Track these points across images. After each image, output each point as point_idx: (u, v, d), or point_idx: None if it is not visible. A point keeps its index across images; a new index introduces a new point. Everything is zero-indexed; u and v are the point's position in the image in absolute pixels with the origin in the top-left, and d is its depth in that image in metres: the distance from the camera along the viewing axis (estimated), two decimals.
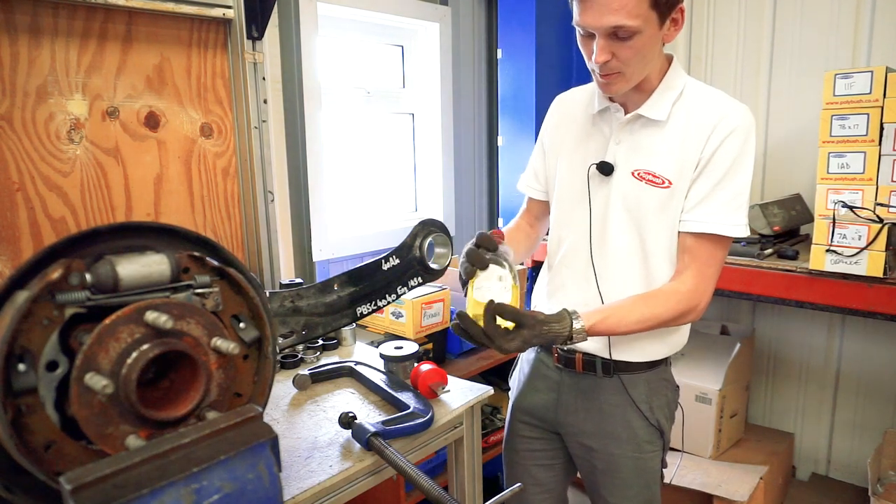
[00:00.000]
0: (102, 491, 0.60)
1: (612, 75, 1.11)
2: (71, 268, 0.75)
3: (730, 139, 1.12)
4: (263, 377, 0.92)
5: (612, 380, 1.27)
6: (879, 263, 1.67)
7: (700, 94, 1.18)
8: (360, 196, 2.64)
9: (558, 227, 1.33)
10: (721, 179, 1.13)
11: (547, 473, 1.41)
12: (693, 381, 2.29)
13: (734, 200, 1.14)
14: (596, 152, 1.24)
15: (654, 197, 1.17)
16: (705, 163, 1.14)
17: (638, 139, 1.20)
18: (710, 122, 1.14)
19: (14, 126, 1.27)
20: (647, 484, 1.31)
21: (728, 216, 1.14)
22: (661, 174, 1.16)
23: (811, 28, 2.32)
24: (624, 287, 1.22)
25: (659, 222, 1.18)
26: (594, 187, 1.24)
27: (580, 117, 1.30)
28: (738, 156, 1.13)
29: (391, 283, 1.20)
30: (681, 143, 1.16)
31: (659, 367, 1.29)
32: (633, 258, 1.21)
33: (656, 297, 1.16)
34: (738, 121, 1.13)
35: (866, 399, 2.41)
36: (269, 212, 1.67)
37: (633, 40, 1.05)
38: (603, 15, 1.02)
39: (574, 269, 1.28)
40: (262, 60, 1.60)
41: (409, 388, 1.31)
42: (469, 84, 2.91)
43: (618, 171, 1.20)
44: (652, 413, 1.27)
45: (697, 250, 1.16)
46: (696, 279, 1.16)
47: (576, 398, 1.31)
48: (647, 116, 1.17)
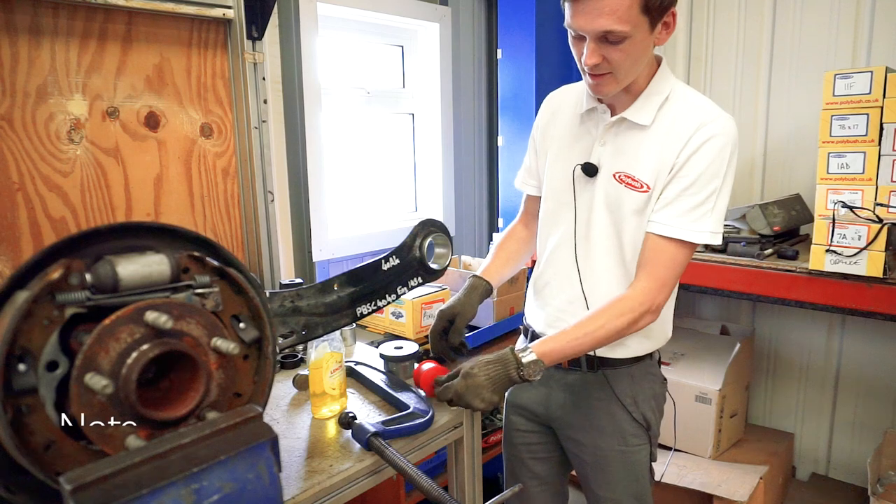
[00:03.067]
0: (102, 491, 0.60)
1: (602, 76, 1.12)
2: (71, 268, 0.75)
3: (706, 146, 1.12)
4: (263, 377, 0.92)
5: (597, 375, 1.28)
6: (879, 263, 1.67)
7: (686, 100, 1.18)
8: (360, 196, 2.64)
9: (545, 225, 1.34)
10: (691, 185, 1.13)
11: (543, 466, 1.43)
12: (693, 381, 2.29)
13: (702, 207, 1.13)
14: (582, 153, 1.25)
15: (633, 200, 1.18)
16: (679, 168, 1.14)
17: (621, 142, 1.20)
18: (690, 129, 1.13)
19: (14, 126, 1.27)
20: (636, 477, 1.32)
21: (693, 222, 1.13)
22: (640, 178, 1.17)
23: (811, 28, 2.32)
24: (606, 286, 1.23)
25: (636, 225, 1.19)
26: (579, 188, 1.25)
27: (569, 116, 1.31)
28: (712, 163, 1.12)
29: (391, 284, 1.20)
30: (660, 148, 1.16)
31: (644, 361, 1.30)
32: (614, 259, 1.23)
33: (604, 311, 1.15)
34: (718, 130, 1.13)
35: (866, 399, 2.41)
36: (269, 212, 1.67)
37: (624, 44, 1.06)
38: (594, 19, 1.03)
39: (559, 268, 1.30)
40: (262, 60, 1.60)
41: (409, 388, 1.31)
42: (469, 84, 2.91)
43: (601, 172, 1.21)
44: (636, 407, 1.29)
45: (656, 252, 1.16)
46: (649, 282, 1.15)
47: (564, 393, 1.33)
48: (632, 120, 1.18)
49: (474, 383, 1.09)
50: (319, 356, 1.20)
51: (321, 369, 1.20)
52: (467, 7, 2.84)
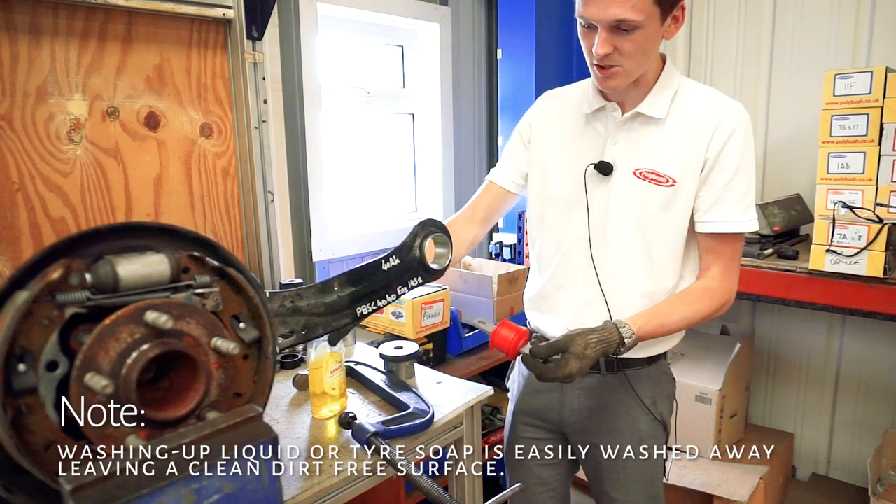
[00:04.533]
0: (102, 491, 0.60)
1: (611, 69, 1.11)
2: (71, 268, 0.75)
3: (733, 139, 1.15)
4: (263, 377, 0.92)
5: (617, 377, 1.27)
6: (879, 263, 1.67)
7: (695, 93, 1.20)
8: (360, 196, 2.64)
9: (548, 229, 1.31)
10: (731, 179, 1.16)
11: (551, 472, 1.41)
12: (693, 381, 2.29)
13: (745, 198, 1.18)
14: (592, 152, 1.24)
15: (658, 195, 1.18)
16: (712, 164, 1.16)
17: (637, 138, 1.20)
18: (712, 123, 1.15)
19: (14, 126, 1.27)
20: (651, 478, 1.31)
21: (742, 213, 1.17)
22: (664, 173, 1.17)
23: (811, 28, 2.32)
24: (628, 286, 1.22)
25: (663, 220, 1.19)
26: (591, 188, 1.23)
27: (570, 117, 1.29)
28: (742, 154, 1.16)
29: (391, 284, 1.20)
30: (683, 143, 1.17)
31: (659, 361, 1.30)
32: (637, 257, 1.22)
33: (692, 296, 1.20)
34: (738, 120, 1.16)
35: (866, 399, 2.41)
36: (269, 212, 1.67)
37: (636, 34, 1.06)
38: (607, 7, 1.03)
39: (573, 271, 1.27)
40: (262, 60, 1.60)
41: (409, 388, 1.31)
42: (469, 84, 2.91)
43: (617, 170, 1.20)
44: (656, 407, 1.29)
45: (720, 249, 1.20)
46: (724, 275, 1.20)
47: (580, 397, 1.31)
48: (647, 114, 1.18)
49: (587, 364, 1.06)
50: (319, 356, 1.20)
51: (321, 369, 1.20)
52: (467, 7, 2.84)
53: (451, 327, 2.20)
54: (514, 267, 2.46)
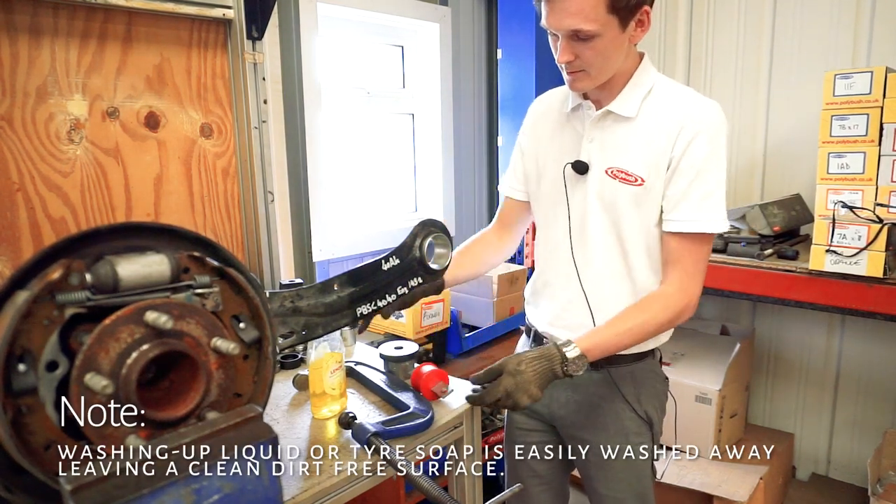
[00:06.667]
0: (102, 491, 0.60)
1: (577, 73, 1.14)
2: (71, 268, 0.75)
3: (698, 139, 1.14)
4: (263, 377, 0.92)
5: (601, 374, 1.28)
6: (879, 264, 1.67)
7: (669, 91, 1.20)
8: (360, 196, 2.64)
9: (541, 227, 1.36)
10: (694, 179, 1.15)
11: (545, 465, 1.42)
12: (693, 381, 2.28)
13: (709, 198, 1.16)
14: (570, 151, 1.26)
15: (628, 194, 1.19)
16: (676, 163, 1.16)
17: (609, 136, 1.21)
18: (678, 122, 1.15)
19: (14, 126, 1.27)
20: (638, 476, 1.32)
21: (706, 213, 1.16)
22: (633, 172, 1.18)
23: (811, 28, 2.31)
24: (606, 283, 1.23)
25: (636, 220, 1.20)
26: (571, 186, 1.25)
27: (555, 117, 1.32)
28: (707, 154, 1.15)
29: (391, 284, 1.20)
30: (651, 142, 1.17)
31: (646, 358, 1.30)
32: (613, 255, 1.23)
33: (644, 304, 1.18)
34: (706, 119, 1.15)
35: (866, 399, 2.41)
36: (269, 212, 1.67)
37: (594, 42, 1.08)
38: (562, 19, 1.07)
39: (557, 268, 1.30)
40: (262, 61, 1.60)
41: (409, 388, 1.31)
42: (469, 84, 2.91)
43: (593, 169, 1.22)
44: (640, 405, 1.29)
45: (681, 250, 1.18)
46: (682, 279, 1.18)
47: (567, 392, 1.32)
48: (616, 112, 1.19)
49: (523, 380, 1.07)
50: (319, 356, 1.20)
51: (321, 369, 1.21)
52: (467, 7, 2.84)
53: (451, 327, 2.20)
54: (514, 267, 2.46)
